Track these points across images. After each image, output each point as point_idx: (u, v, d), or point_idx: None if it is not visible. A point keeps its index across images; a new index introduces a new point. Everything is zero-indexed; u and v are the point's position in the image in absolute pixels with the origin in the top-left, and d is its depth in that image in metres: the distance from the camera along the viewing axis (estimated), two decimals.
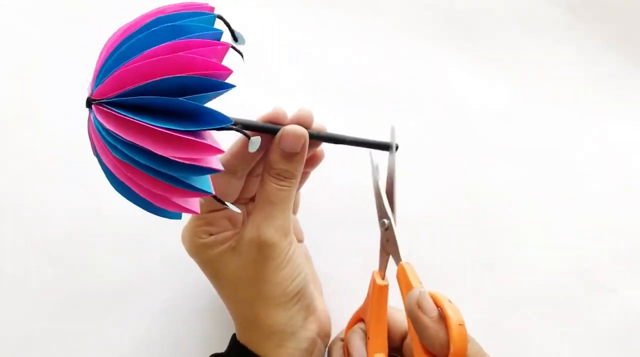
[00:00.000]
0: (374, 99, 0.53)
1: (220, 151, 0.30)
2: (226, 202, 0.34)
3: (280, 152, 0.37)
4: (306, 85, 0.53)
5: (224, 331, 0.46)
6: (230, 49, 0.32)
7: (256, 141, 0.33)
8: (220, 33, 0.32)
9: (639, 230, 0.50)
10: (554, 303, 0.48)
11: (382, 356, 0.39)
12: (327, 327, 0.42)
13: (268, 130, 0.37)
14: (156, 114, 0.30)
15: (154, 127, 0.30)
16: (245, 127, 0.36)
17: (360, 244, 0.47)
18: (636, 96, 0.54)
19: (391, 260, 0.39)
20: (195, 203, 0.33)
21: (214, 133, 0.33)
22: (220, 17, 0.33)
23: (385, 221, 0.40)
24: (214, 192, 0.32)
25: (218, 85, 0.30)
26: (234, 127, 0.32)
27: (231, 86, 0.31)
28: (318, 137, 0.39)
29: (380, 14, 0.55)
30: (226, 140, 0.36)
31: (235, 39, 0.35)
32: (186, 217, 0.41)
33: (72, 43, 0.53)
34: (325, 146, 0.42)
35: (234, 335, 0.41)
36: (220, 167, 0.31)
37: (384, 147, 0.41)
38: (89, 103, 0.32)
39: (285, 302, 0.38)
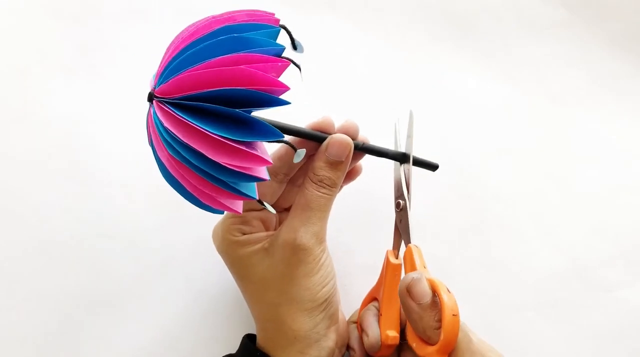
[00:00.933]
0: (374, 98, 0.53)
1: (269, 163, 0.32)
2: (264, 203, 0.35)
3: (325, 159, 0.38)
4: (306, 85, 0.52)
5: (226, 331, 0.46)
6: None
7: (301, 153, 0.34)
8: (283, 49, 0.33)
9: (639, 230, 0.51)
10: (553, 303, 0.49)
11: (393, 332, 0.40)
12: (346, 339, 0.42)
13: (315, 137, 0.39)
14: (213, 120, 0.32)
15: (210, 134, 0.32)
16: (294, 133, 0.38)
17: (365, 245, 0.48)
18: (636, 96, 0.53)
19: None
20: (239, 205, 0.35)
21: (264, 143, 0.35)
22: (284, 27, 0.35)
23: (401, 201, 0.41)
24: (258, 197, 0.34)
25: (274, 101, 0.32)
26: (284, 140, 0.34)
27: (286, 103, 0.32)
28: (362, 148, 0.40)
29: (380, 13, 0.54)
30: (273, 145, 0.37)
31: (294, 47, 0.37)
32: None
33: (72, 43, 0.53)
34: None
35: (246, 336, 0.42)
36: (267, 176, 0.33)
37: (429, 166, 0.42)
38: (151, 98, 0.34)
39: (312, 308, 0.38)
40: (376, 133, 0.43)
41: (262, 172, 0.33)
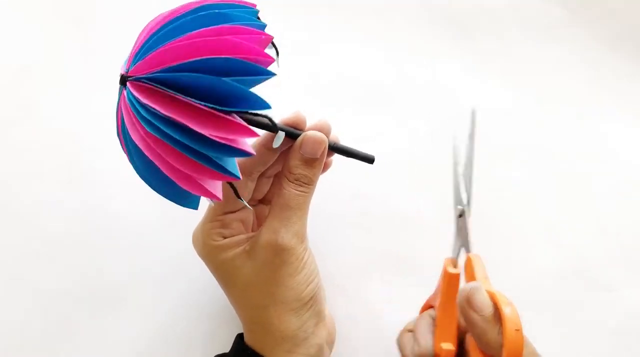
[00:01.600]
0: (374, 98, 0.53)
1: (255, 134, 0.30)
2: (241, 198, 0.35)
3: (300, 157, 0.37)
4: (305, 85, 0.53)
5: (225, 331, 0.46)
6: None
7: (281, 136, 0.33)
8: (264, 26, 0.33)
9: (639, 230, 0.51)
10: (553, 303, 0.48)
11: (449, 345, 0.38)
12: (333, 334, 0.42)
13: (288, 133, 0.37)
14: (194, 92, 0.30)
15: (193, 103, 0.30)
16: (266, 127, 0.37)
17: (358, 245, 0.47)
18: (637, 96, 0.54)
19: None
20: (218, 188, 0.32)
21: None
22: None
23: (459, 207, 0.40)
24: (241, 177, 0.32)
25: (260, 71, 0.31)
26: (268, 116, 0.32)
27: (272, 74, 0.31)
28: (333, 148, 0.39)
29: (380, 13, 0.55)
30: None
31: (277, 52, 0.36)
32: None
33: (72, 43, 0.53)
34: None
35: (238, 336, 0.40)
36: (252, 151, 0.31)
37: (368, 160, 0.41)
38: (124, 80, 0.32)
39: (298, 307, 0.38)
40: (376, 133, 0.44)
41: (247, 145, 0.31)
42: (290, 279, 0.37)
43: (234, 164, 0.32)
